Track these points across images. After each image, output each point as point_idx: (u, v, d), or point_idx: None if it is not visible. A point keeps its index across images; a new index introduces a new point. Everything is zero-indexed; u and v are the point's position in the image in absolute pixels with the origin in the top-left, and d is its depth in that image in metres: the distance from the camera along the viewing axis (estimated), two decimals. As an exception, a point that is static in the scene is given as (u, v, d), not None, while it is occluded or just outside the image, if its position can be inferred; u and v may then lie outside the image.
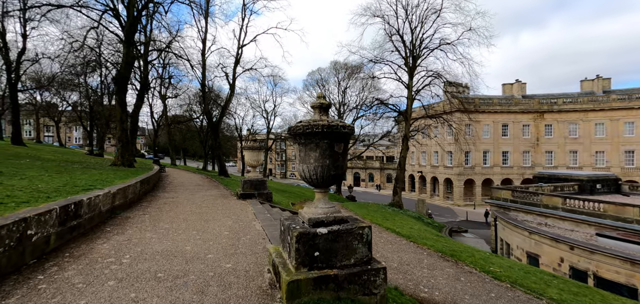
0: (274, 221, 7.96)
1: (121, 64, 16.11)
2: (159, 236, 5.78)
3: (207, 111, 22.97)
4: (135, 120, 24.68)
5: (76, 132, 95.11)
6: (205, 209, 8.71)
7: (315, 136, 3.65)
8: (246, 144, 11.68)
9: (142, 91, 25.21)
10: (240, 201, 10.75)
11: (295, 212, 11.63)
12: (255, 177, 11.51)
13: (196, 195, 11.78)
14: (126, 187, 8.27)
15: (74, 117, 56.06)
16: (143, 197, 10.19)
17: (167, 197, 10.85)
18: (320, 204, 3.90)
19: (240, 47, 24.36)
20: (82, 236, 5.46)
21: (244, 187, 11.24)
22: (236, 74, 24.61)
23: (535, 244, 16.22)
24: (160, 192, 11.87)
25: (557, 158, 48.98)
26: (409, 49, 22.93)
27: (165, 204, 9.21)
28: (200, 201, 10.33)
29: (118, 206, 7.61)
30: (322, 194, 3.97)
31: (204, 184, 16.30)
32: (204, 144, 51.33)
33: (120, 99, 15.88)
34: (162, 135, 62.16)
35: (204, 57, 23.22)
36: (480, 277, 6.43)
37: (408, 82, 23.50)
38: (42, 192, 6.09)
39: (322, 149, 3.69)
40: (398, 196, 23.22)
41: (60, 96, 50.62)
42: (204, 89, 22.98)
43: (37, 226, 4.33)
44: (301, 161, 3.86)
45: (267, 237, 6.10)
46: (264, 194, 11.40)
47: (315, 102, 3.97)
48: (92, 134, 48.66)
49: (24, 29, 27.61)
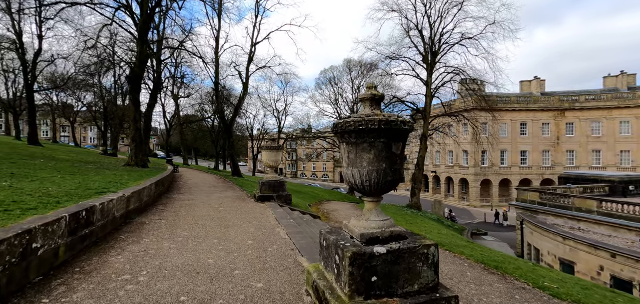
0: (298, 226, 7.35)
1: (135, 63, 15.80)
2: (177, 246, 5.22)
3: (220, 110, 22.60)
4: (149, 120, 24.54)
5: (91, 132, 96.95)
6: (223, 213, 8.16)
7: (370, 134, 3.00)
8: (264, 144, 11.10)
9: (156, 90, 25.04)
10: (259, 204, 10.19)
11: (315, 215, 11.02)
12: (273, 179, 10.93)
13: (212, 197, 11.28)
14: (141, 190, 7.78)
15: (89, 118, 56.94)
16: (158, 200, 9.73)
17: (182, 199, 10.38)
18: (373, 217, 3.24)
19: (253, 45, 23.90)
20: (95, 246, 4.95)
21: (262, 190, 10.67)
22: (249, 73, 24.18)
23: (570, 251, 15.15)
24: (175, 194, 11.42)
25: (579, 158, 47.07)
26: (428, 44, 22.04)
27: (181, 208, 8.71)
28: (217, 203, 9.80)
29: (133, 210, 7.12)
30: (374, 204, 3.31)
31: (218, 185, 15.84)
32: (215, 144, 51.30)
33: (134, 98, 15.57)
34: (175, 135, 62.58)
35: (217, 55, 22.84)
36: (537, 295, 5.66)
37: (427, 79, 22.59)
38: (53, 197, 5.61)
39: (378, 149, 3.04)
40: (416, 198, 22.37)
41: (76, 96, 51.42)
42: (217, 88, 22.60)
43: (44, 238, 3.80)
44: (350, 165, 3.21)
45: (296, 248, 5.48)
46: (283, 197, 10.81)
47: (366, 93, 3.32)
48: (106, 134, 49.23)
49: (40, 29, 27.80)
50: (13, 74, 45.34)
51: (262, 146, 10.97)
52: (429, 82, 22.02)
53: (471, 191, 48.53)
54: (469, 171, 48.68)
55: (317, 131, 48.79)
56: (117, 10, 15.80)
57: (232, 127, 23.91)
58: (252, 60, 24.03)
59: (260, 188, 10.78)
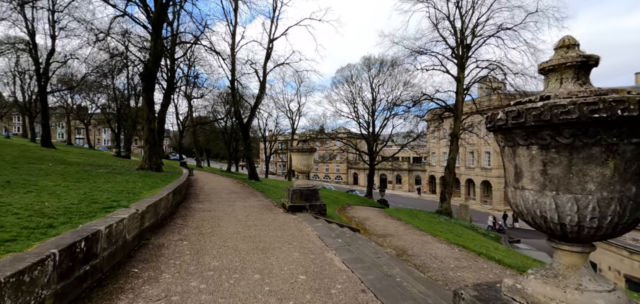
0: (348, 247, 5.89)
1: (148, 59, 14.67)
2: (208, 285, 3.84)
3: (237, 110, 21.40)
4: (162, 120, 23.56)
5: (105, 134, 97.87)
6: (255, 230, 6.78)
7: (607, 129, 1.55)
8: (294, 145, 9.69)
9: (169, 90, 24.02)
10: (290, 215, 8.79)
11: (353, 228, 9.55)
12: (305, 186, 9.52)
13: (235, 206, 9.94)
14: (157, 203, 6.47)
15: (103, 120, 56.90)
16: (175, 211, 8.43)
17: (202, 209, 9.06)
18: (584, 280, 1.78)
19: (271, 41, 22.64)
20: (98, 288, 3.60)
21: (292, 198, 9.27)
22: (267, 70, 22.91)
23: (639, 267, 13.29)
24: (193, 203, 10.13)
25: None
26: (459, 37, 20.34)
27: (203, 222, 7.37)
28: (243, 215, 8.44)
29: (148, 228, 5.80)
30: (581, 257, 1.85)
31: (238, 190, 14.54)
32: (228, 145, 50.45)
33: (148, 97, 14.42)
34: (187, 136, 62.12)
35: (233, 52, 21.64)
36: None
37: (458, 74, 20.88)
38: (46, 216, 4.31)
39: (625, 159, 1.58)
40: (447, 203, 20.67)
41: (90, 98, 51.32)
42: (233, 86, 21.38)
43: (16, 295, 2.45)
44: (544, 186, 1.75)
45: (367, 287, 4.03)
46: (316, 207, 9.39)
47: (567, 55, 1.86)
48: (119, 136, 48.94)
49: (53, 29, 27.25)
50: (28, 76, 45.48)
51: (292, 148, 9.57)
52: (460, 77, 20.30)
53: (494, 194, 46.22)
54: (492, 172, 46.39)
55: (333, 131, 47.28)
56: (128, 2, 14.73)
57: (249, 127, 22.70)
58: (269, 56, 22.76)
59: (290, 196, 9.38)
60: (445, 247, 8.42)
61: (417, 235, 9.89)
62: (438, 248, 8.23)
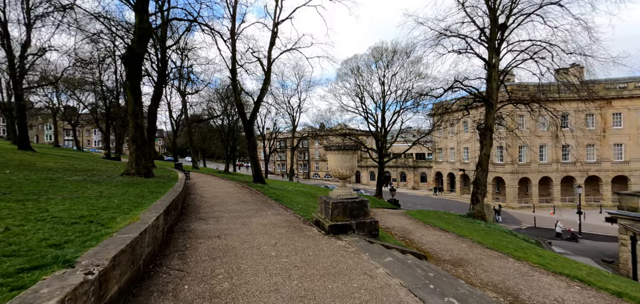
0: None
1: (133, 39, 11.90)
2: None
3: (238, 101, 18.67)
4: (154, 116, 20.79)
5: (95, 135, 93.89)
6: (296, 281, 4.17)
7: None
8: (329, 142, 6.95)
9: (160, 82, 21.21)
10: (334, 239, 6.22)
11: (419, 254, 6.97)
12: (348, 196, 6.92)
13: (251, 224, 7.32)
14: (136, 241, 3.83)
15: (91, 120, 53.54)
16: (170, 241, 5.79)
17: (208, 234, 6.43)
18: None
19: (276, 24, 19.92)
20: None
21: (333, 214, 6.67)
22: (272, 59, 20.21)
23: None
24: (194, 223, 7.47)
25: (628, 152, 42.36)
26: (492, 16, 17.82)
27: (213, 262, 4.75)
28: (268, 243, 5.82)
29: (116, 296, 3.16)
30: None
31: (246, 198, 11.89)
32: (225, 144, 47.60)
33: (133, 86, 11.64)
34: (181, 135, 59.03)
35: (233, 35, 18.87)
36: None
37: (488, 58, 18.37)
38: None
39: None
40: (480, 205, 18.18)
41: (76, 96, 48.04)
42: (234, 75, 18.62)
43: None
44: None
45: None
46: (365, 225, 6.81)
47: None
48: (108, 137, 45.82)
49: (28, 18, 24.23)
50: (7, 73, 42.10)
51: (330, 146, 6.90)
52: (494, 62, 17.76)
53: (508, 191, 44.04)
54: (504, 168, 44.20)
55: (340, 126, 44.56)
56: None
57: (253, 123, 19.98)
58: (274, 42, 20.04)
59: (329, 212, 6.78)
60: (559, 283, 5.89)
61: (497, 259, 7.36)
62: (550, 285, 5.72)
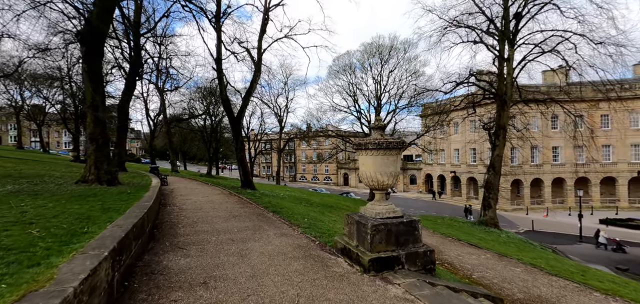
0: None
1: (91, 11, 9.41)
2: None
3: (224, 97, 16.28)
4: (125, 112, 18.00)
5: (65, 136, 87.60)
6: None
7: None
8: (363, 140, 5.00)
9: (133, 74, 18.47)
10: (380, 281, 4.17)
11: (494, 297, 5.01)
12: (393, 215, 4.87)
13: (252, 257, 5.14)
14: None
15: (58, 119, 49.14)
16: (124, 297, 3.52)
17: (188, 279, 4.22)
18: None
19: (267, 10, 17.73)
20: None
21: (374, 242, 4.60)
22: (262, 49, 17.98)
23: None
24: (167, 254, 5.20)
25: (617, 153, 42.72)
26: (505, 5, 16.39)
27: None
28: (284, 300, 3.67)
29: None
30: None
31: (237, 211, 9.62)
32: (208, 145, 44.68)
33: (91, 69, 9.13)
34: (160, 136, 55.30)
35: (219, 22, 16.53)
36: None
37: (500, 50, 16.92)
38: None
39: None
40: (492, 211, 16.69)
41: (41, 94, 43.72)
42: (219, 65, 16.24)
43: None
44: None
45: None
46: (418, 257, 4.78)
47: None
48: (78, 138, 41.95)
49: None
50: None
51: (365, 144, 4.71)
52: (510, 56, 16.33)
53: (500, 193, 43.38)
54: (498, 170, 43.60)
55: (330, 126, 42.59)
56: None
57: (241, 121, 17.61)
58: (265, 30, 17.82)
59: (367, 238, 4.68)
60: None
61: (576, 293, 5.53)
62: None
